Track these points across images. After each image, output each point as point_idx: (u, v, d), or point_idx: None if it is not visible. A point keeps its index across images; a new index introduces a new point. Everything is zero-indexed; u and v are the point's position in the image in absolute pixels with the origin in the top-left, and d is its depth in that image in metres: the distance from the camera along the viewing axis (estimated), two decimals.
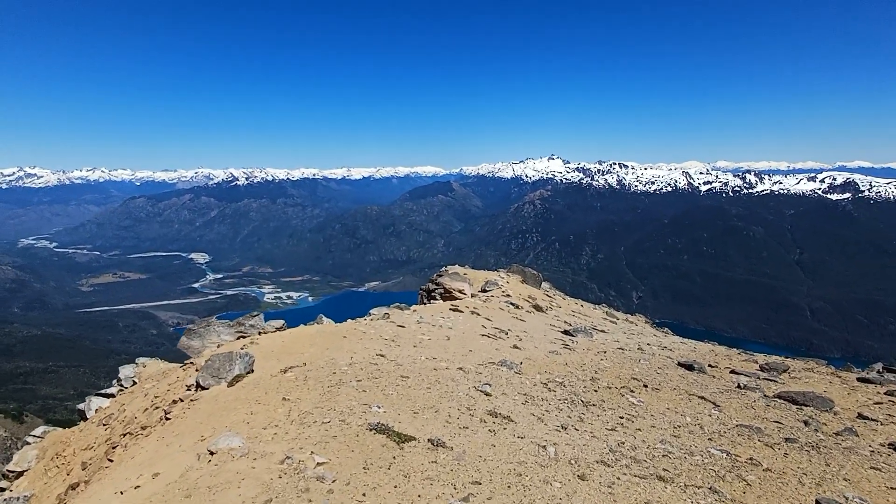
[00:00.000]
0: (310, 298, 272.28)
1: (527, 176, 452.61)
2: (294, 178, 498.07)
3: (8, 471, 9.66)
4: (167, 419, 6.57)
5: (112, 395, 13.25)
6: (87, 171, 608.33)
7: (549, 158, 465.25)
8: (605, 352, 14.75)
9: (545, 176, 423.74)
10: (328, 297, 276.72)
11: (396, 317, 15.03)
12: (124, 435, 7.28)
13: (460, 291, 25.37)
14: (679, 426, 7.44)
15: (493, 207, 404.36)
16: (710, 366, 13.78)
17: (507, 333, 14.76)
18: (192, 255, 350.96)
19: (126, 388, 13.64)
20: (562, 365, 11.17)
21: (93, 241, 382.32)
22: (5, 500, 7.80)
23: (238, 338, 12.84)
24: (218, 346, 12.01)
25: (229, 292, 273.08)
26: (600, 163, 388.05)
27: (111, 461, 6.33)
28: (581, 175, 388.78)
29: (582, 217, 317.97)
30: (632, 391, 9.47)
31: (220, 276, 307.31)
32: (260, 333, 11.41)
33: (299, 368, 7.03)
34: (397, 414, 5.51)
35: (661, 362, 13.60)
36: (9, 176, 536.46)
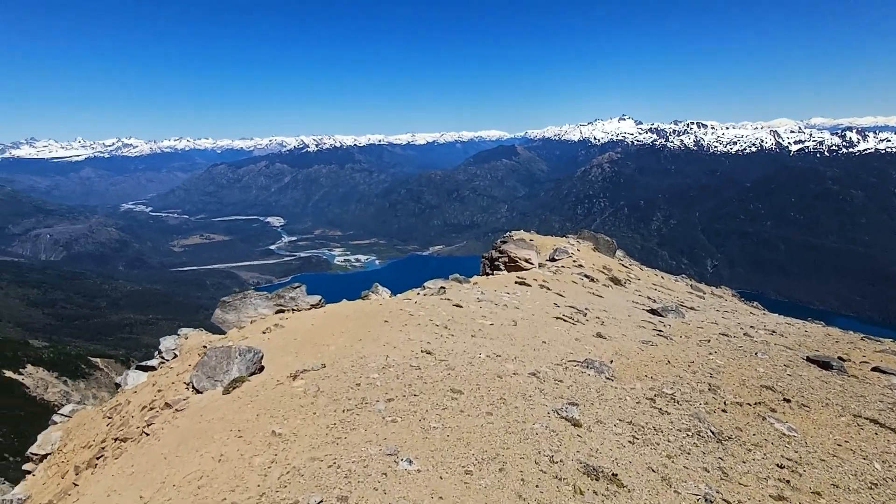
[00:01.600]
0: (377, 261, 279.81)
1: (595, 138, 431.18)
2: (361, 145, 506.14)
3: (31, 453, 8.86)
4: (145, 434, 5.02)
5: (153, 368, 12.48)
6: (175, 140, 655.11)
7: (620, 119, 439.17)
8: (708, 340, 11.92)
9: (615, 138, 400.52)
10: (394, 260, 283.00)
11: (453, 292, 12.97)
12: (115, 440, 5.84)
13: (526, 260, 22.88)
14: (875, 485, 4.86)
15: (559, 171, 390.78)
16: (839, 358, 10.71)
17: (585, 314, 12.30)
18: (269, 219, 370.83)
19: (167, 360, 12.83)
20: (663, 363, 8.66)
21: (182, 205, 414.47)
22: (3, 500, 6.74)
23: (277, 311, 11.44)
24: (252, 322, 10.64)
25: (303, 254, 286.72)
26: (676, 123, 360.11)
27: (76, 486, 4.92)
28: (654, 136, 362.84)
29: (654, 181, 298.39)
30: (772, 410, 6.85)
31: (294, 238, 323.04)
32: (293, 311, 9.83)
33: (314, 373, 5.21)
34: (438, 477, 3.44)
35: (783, 356, 10.63)
36: (110, 146, 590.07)
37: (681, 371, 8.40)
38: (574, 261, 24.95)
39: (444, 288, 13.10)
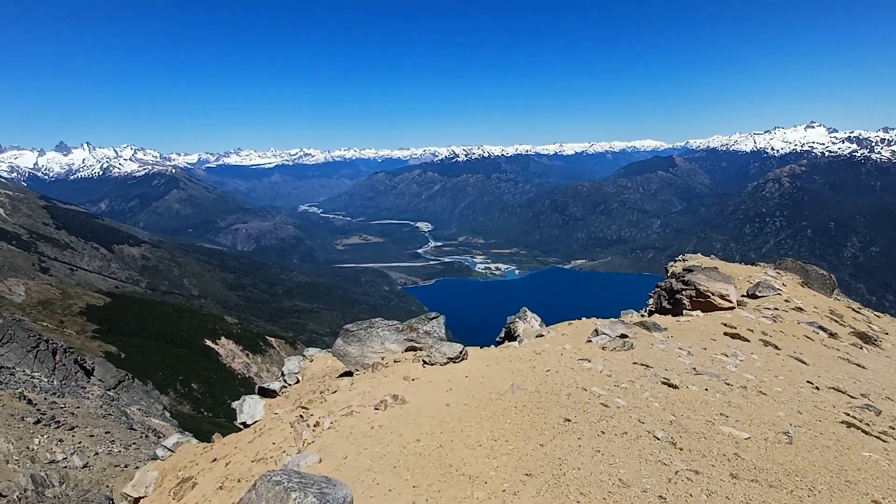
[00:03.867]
0: (516, 271, 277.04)
1: (773, 148, 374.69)
2: (508, 155, 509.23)
3: (124, 493, 7.58)
4: None
5: (273, 393, 11.08)
6: (344, 150, 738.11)
7: (807, 126, 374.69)
8: None
9: (799, 148, 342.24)
10: (534, 271, 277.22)
11: (644, 346, 9.15)
12: None
13: (723, 297, 17.39)
14: None
15: (725, 185, 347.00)
16: None
17: (877, 413, 7.55)
18: (418, 224, 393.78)
19: (290, 384, 11.36)
20: None
21: (346, 208, 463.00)
22: None
23: (407, 349, 9.03)
24: (374, 367, 8.29)
25: (446, 259, 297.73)
26: (886, 130, 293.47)
27: None
28: (853, 146, 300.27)
29: (850, 199, 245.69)
30: None
31: (439, 243, 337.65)
32: (424, 364, 7.16)
33: None
34: None
35: None
36: (294, 155, 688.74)
37: None
38: (786, 300, 18.70)
39: (626, 337, 9.42)
